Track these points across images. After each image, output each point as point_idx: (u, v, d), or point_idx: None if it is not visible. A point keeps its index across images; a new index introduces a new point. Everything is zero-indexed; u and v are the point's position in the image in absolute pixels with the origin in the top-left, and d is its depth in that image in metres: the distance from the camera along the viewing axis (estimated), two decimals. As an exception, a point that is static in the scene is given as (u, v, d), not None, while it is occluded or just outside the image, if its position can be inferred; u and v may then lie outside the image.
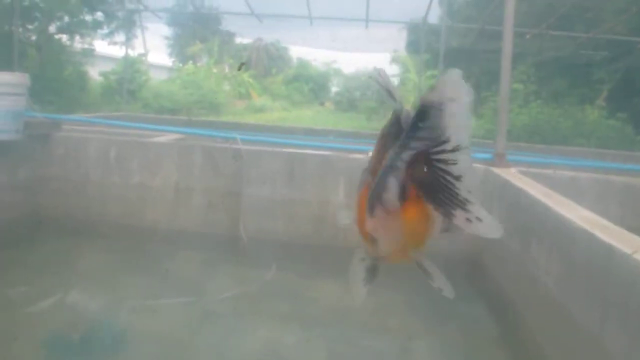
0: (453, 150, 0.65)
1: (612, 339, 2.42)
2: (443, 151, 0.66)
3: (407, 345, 3.69)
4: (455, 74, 0.64)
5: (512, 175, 4.49)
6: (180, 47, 21.81)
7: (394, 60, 19.36)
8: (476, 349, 3.63)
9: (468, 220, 0.67)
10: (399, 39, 14.39)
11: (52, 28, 14.23)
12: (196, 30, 20.31)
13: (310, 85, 23.16)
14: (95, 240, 5.20)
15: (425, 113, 0.66)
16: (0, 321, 3.45)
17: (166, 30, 21.29)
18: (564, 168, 5.50)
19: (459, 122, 0.64)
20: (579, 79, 12.49)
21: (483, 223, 0.67)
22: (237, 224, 5.09)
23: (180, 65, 21.28)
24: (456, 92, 0.64)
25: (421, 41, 11.85)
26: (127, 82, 14.83)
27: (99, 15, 14.79)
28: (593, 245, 2.68)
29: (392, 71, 20.19)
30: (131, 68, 15.93)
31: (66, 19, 14.17)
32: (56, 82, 13.10)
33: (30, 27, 14.30)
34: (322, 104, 21.95)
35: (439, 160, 0.66)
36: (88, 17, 14.62)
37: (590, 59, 11.66)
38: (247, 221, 5.10)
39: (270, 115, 18.23)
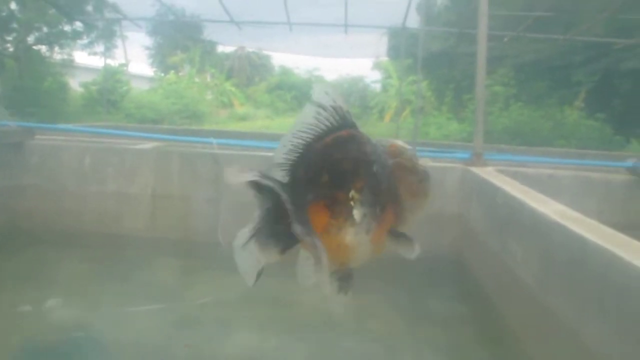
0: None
1: (589, 331, 2.41)
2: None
3: (389, 345, 3.65)
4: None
5: (489, 173, 4.50)
6: (161, 56, 21.72)
7: (376, 66, 19.47)
8: (457, 349, 3.60)
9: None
10: (381, 44, 14.46)
11: (30, 39, 14.09)
12: (177, 40, 20.26)
13: (293, 93, 23.16)
14: (72, 249, 5.09)
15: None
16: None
17: (147, 40, 21.21)
18: (543, 166, 5.53)
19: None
20: (558, 81, 12.63)
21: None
22: (216, 230, 5.02)
23: (162, 75, 21.21)
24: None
25: (401, 46, 11.88)
26: (108, 93, 14.68)
27: (78, 25, 14.66)
28: (568, 238, 2.67)
29: (375, 77, 20.30)
30: (112, 78, 15.81)
31: (45, 29, 14.03)
32: (36, 93, 12.95)
33: (8, 38, 14.13)
34: None
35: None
36: (67, 28, 14.49)
37: (568, 61, 11.79)
38: (226, 226, 5.03)
39: (253, 124, 18.23)
